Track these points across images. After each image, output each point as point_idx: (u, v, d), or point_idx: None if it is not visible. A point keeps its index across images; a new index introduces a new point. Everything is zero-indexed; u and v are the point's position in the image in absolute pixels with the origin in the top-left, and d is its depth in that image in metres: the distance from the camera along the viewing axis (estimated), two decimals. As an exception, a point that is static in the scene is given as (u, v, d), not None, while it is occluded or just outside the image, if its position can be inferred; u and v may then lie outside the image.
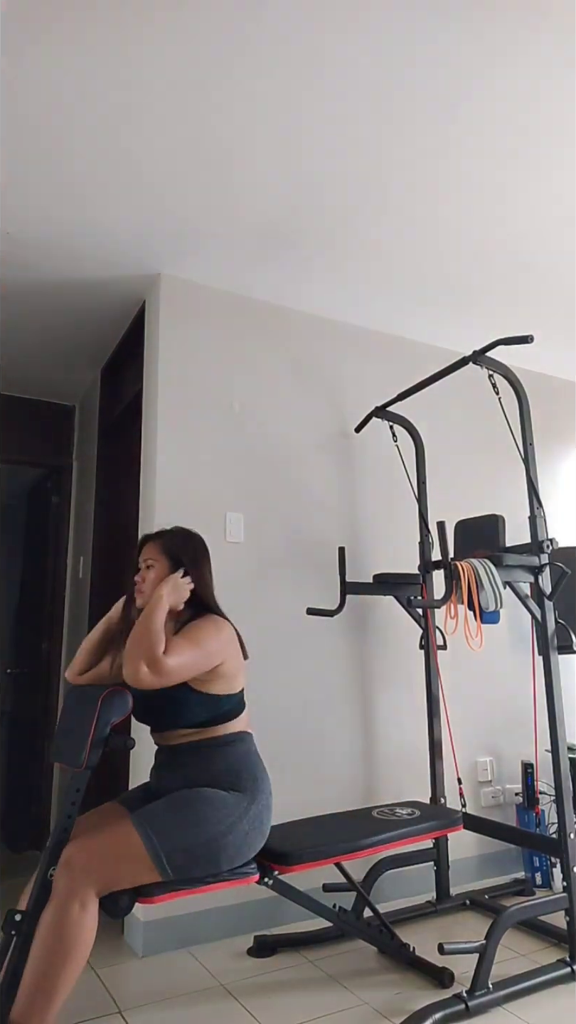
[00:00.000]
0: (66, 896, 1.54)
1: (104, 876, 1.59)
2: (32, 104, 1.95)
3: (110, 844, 1.62)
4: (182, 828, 1.67)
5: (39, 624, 3.98)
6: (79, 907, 1.54)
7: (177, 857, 1.64)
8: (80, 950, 1.52)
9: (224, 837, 1.70)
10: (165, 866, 1.63)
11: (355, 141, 2.13)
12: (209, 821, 1.70)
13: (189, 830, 1.67)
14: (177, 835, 1.66)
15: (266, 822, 1.82)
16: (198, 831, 1.68)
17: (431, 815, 2.19)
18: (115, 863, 1.61)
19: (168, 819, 1.68)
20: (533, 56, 1.84)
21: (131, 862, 1.61)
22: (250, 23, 1.72)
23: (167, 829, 1.66)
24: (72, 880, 1.55)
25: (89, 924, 1.55)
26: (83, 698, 1.76)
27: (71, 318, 3.14)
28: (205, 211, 2.44)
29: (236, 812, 1.75)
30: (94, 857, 1.59)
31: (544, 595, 2.31)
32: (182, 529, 2.09)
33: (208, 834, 1.69)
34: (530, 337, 2.29)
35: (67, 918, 1.52)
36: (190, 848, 1.66)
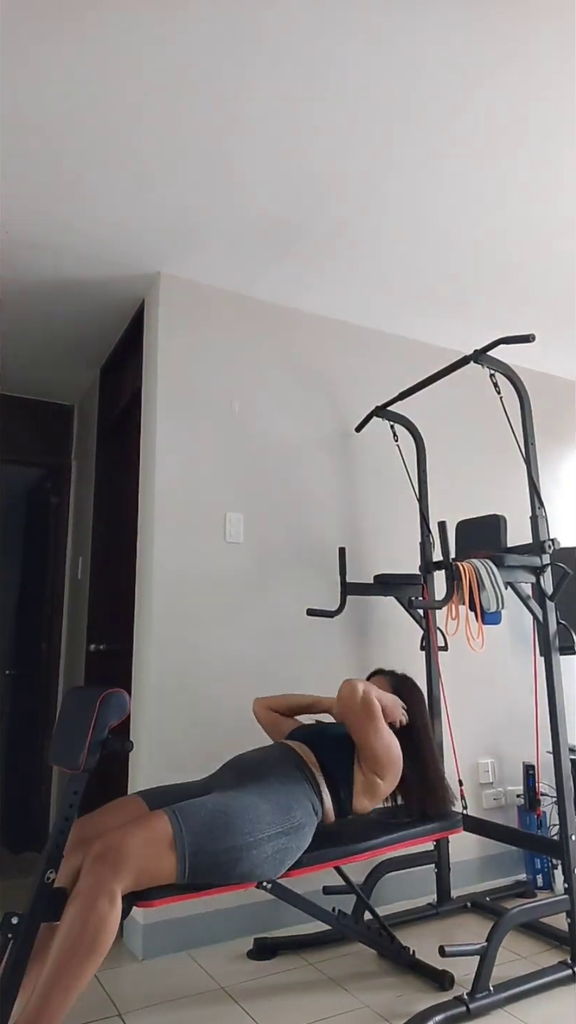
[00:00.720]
0: (95, 891, 1.51)
1: (135, 871, 1.56)
2: (32, 104, 1.94)
3: (145, 838, 1.60)
4: (213, 832, 1.66)
5: (38, 625, 3.98)
6: (107, 902, 1.51)
7: (199, 859, 1.62)
8: (104, 946, 1.50)
9: (248, 849, 1.68)
10: (186, 867, 1.61)
11: (355, 141, 2.12)
12: (240, 830, 1.69)
13: (219, 834, 1.66)
14: (206, 837, 1.64)
15: (288, 861, 1.78)
16: (226, 836, 1.67)
17: (429, 818, 2.17)
18: (147, 859, 1.58)
19: (202, 819, 1.67)
20: (534, 56, 1.83)
21: (161, 859, 1.60)
22: (251, 23, 1.71)
23: (198, 829, 1.65)
24: (101, 875, 1.53)
25: (115, 919, 1.52)
26: (81, 700, 1.75)
27: (70, 318, 3.13)
28: (205, 210, 2.43)
29: (269, 831, 1.74)
30: (128, 851, 1.57)
31: (546, 596, 2.30)
32: (406, 676, 2.35)
33: (235, 841, 1.67)
34: (531, 336, 2.28)
35: (95, 912, 1.50)
36: (214, 852, 1.64)
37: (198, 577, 2.61)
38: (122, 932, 2.43)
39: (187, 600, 2.57)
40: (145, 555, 2.63)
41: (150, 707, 2.43)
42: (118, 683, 2.79)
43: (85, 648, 3.37)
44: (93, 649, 3.24)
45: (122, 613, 3.09)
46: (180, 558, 2.59)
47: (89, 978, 1.49)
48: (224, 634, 2.62)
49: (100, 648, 3.21)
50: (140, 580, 2.66)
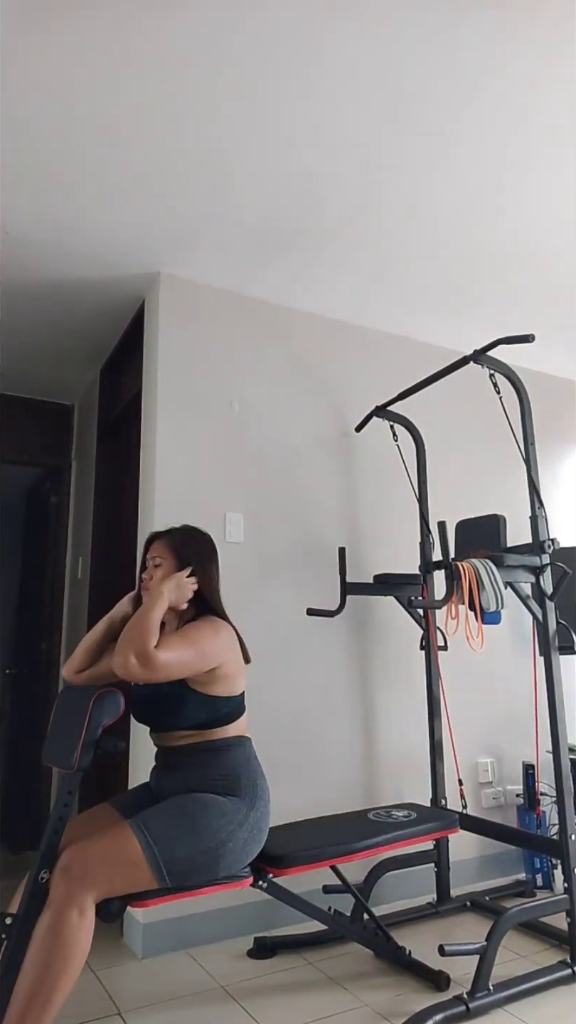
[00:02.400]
0: (64, 902, 1.52)
1: (103, 883, 1.57)
2: (32, 104, 1.94)
3: (109, 851, 1.60)
4: (181, 836, 1.66)
5: (38, 624, 3.98)
6: (77, 914, 1.52)
7: (176, 865, 1.63)
8: (77, 957, 1.51)
9: (224, 845, 1.69)
10: (164, 875, 1.61)
11: (355, 141, 2.12)
12: (208, 829, 1.69)
13: (189, 838, 1.66)
14: (176, 843, 1.64)
15: (264, 829, 1.81)
16: (198, 839, 1.67)
17: (427, 817, 2.18)
18: (115, 870, 1.59)
19: (167, 826, 1.66)
20: (534, 57, 1.83)
21: (130, 870, 1.60)
22: (250, 23, 1.72)
23: (166, 837, 1.64)
24: (70, 886, 1.53)
25: (87, 931, 1.53)
26: (74, 699, 1.75)
27: (70, 318, 3.13)
28: (205, 210, 2.43)
29: (235, 820, 1.74)
30: (93, 864, 1.57)
31: (545, 595, 2.30)
32: (191, 528, 2.08)
33: (207, 842, 1.67)
34: (531, 336, 2.28)
35: (65, 925, 1.51)
36: (189, 857, 1.64)
37: (198, 577, 2.61)
38: (122, 931, 2.44)
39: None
40: (145, 555, 2.63)
41: (150, 707, 2.43)
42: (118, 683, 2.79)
43: (85, 648, 3.37)
44: (93, 649, 3.23)
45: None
46: (180, 558, 2.59)
47: (68, 989, 1.50)
48: (224, 634, 2.62)
49: (100, 648, 3.21)
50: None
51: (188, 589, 1.91)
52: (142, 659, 1.67)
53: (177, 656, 1.73)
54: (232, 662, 1.87)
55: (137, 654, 1.68)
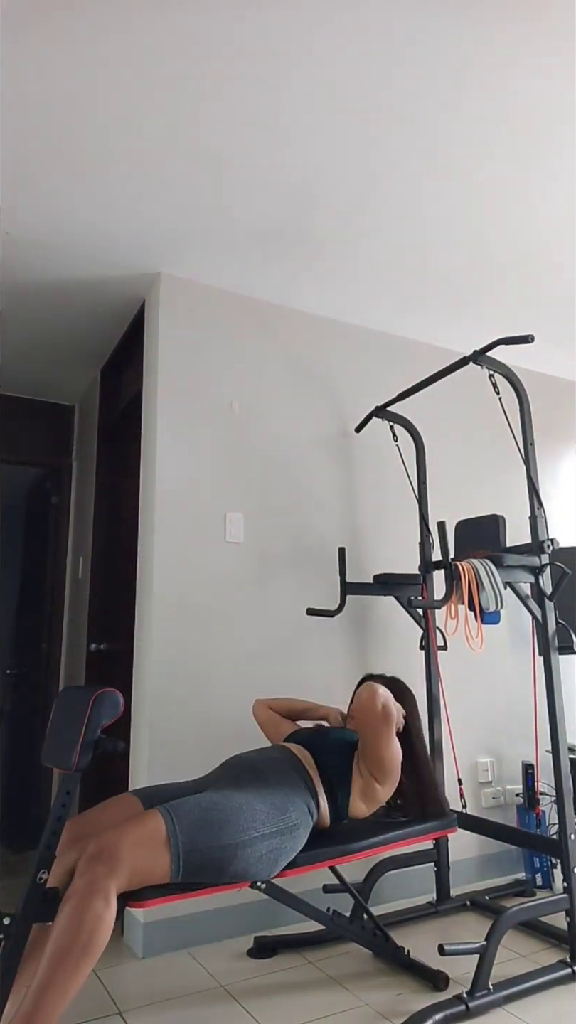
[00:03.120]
0: (91, 890, 1.50)
1: (129, 871, 1.56)
2: (31, 104, 1.94)
3: (139, 837, 1.59)
4: (206, 829, 1.66)
5: (38, 624, 3.98)
6: (103, 901, 1.50)
7: (192, 857, 1.62)
8: (100, 946, 1.49)
9: (241, 849, 1.68)
10: (180, 866, 1.61)
11: (355, 140, 2.12)
12: (235, 828, 1.69)
13: (213, 832, 1.66)
14: (200, 835, 1.64)
15: (281, 861, 1.78)
16: (220, 835, 1.66)
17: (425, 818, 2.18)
18: (142, 858, 1.58)
19: (197, 817, 1.67)
20: (533, 54, 1.84)
21: (155, 857, 1.59)
22: (249, 23, 1.72)
23: (192, 827, 1.64)
24: (97, 874, 1.52)
25: (110, 919, 1.51)
26: (74, 699, 1.75)
27: (71, 318, 3.13)
28: (205, 211, 2.43)
29: (263, 831, 1.73)
30: (123, 851, 1.56)
31: (545, 595, 2.30)
32: (397, 679, 2.33)
33: (229, 840, 1.67)
34: (530, 337, 2.29)
35: (91, 912, 1.49)
36: (207, 850, 1.64)
37: (198, 577, 2.62)
38: (122, 930, 2.44)
39: (187, 600, 2.58)
40: (145, 555, 2.64)
41: (150, 707, 2.44)
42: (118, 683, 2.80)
43: (85, 648, 3.38)
44: (93, 649, 3.25)
45: (122, 613, 3.10)
46: (180, 558, 2.59)
47: (84, 978, 1.48)
48: (224, 634, 2.63)
49: (100, 648, 3.22)
50: (140, 580, 2.67)
51: (402, 722, 2.20)
52: (387, 705, 2.01)
53: (393, 729, 2.03)
54: (386, 790, 2.05)
55: (386, 697, 2.03)
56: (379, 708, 2.00)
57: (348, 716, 2.24)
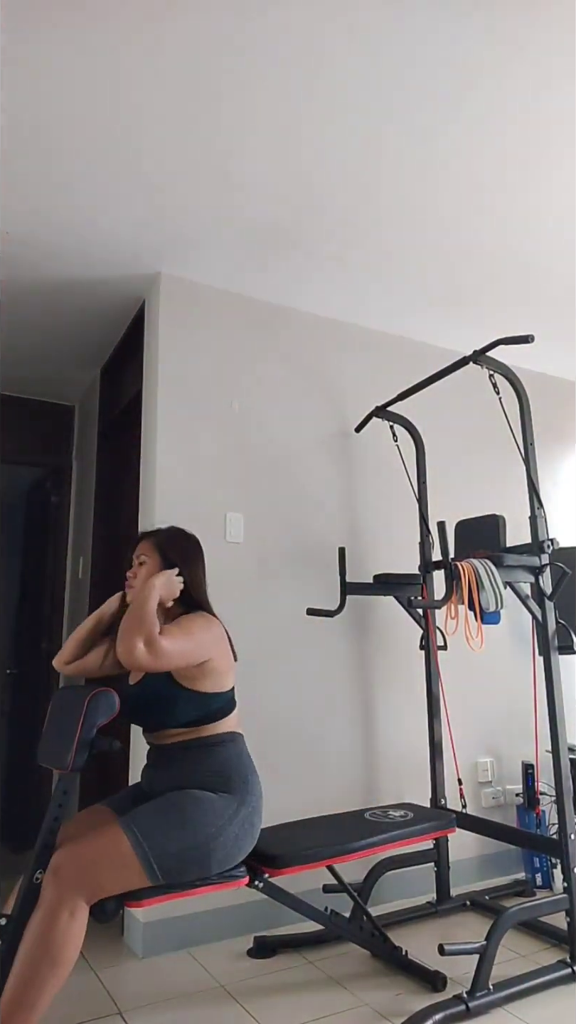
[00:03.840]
0: (55, 904, 1.52)
1: (94, 884, 1.57)
2: (32, 104, 1.94)
3: (99, 851, 1.60)
4: (171, 832, 1.66)
5: (38, 624, 3.98)
6: (68, 915, 1.52)
7: (167, 861, 1.62)
8: (67, 960, 1.50)
9: (214, 840, 1.69)
10: (155, 871, 1.61)
11: (355, 140, 2.12)
12: (198, 824, 1.69)
13: (178, 833, 1.66)
14: (166, 839, 1.64)
15: (256, 824, 1.81)
16: (187, 834, 1.67)
17: (424, 817, 2.18)
18: (105, 870, 1.59)
19: (157, 822, 1.67)
20: (535, 55, 1.84)
21: (121, 868, 1.60)
22: (250, 23, 1.72)
23: (156, 833, 1.64)
24: (61, 888, 1.53)
25: (77, 933, 1.53)
26: (69, 700, 1.75)
27: (71, 318, 3.13)
28: (205, 210, 2.43)
29: (225, 815, 1.74)
30: (83, 865, 1.57)
31: (545, 595, 2.30)
32: (177, 528, 2.10)
33: (197, 837, 1.67)
34: (530, 337, 2.29)
35: (55, 927, 1.50)
36: (179, 852, 1.64)
37: (198, 577, 2.61)
38: (122, 930, 2.44)
39: (187, 600, 2.57)
40: (145, 555, 2.64)
41: (150, 706, 2.44)
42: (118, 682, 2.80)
43: (85, 648, 3.37)
44: (93, 649, 3.24)
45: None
46: (180, 558, 2.59)
47: (56, 989, 1.49)
48: (224, 634, 2.62)
49: (100, 648, 3.21)
50: (140, 580, 2.67)
51: (176, 586, 1.94)
52: (150, 645, 1.70)
53: (177, 645, 1.75)
54: (223, 656, 1.89)
55: (145, 640, 1.70)
56: (143, 661, 1.70)
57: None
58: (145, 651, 1.70)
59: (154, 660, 1.71)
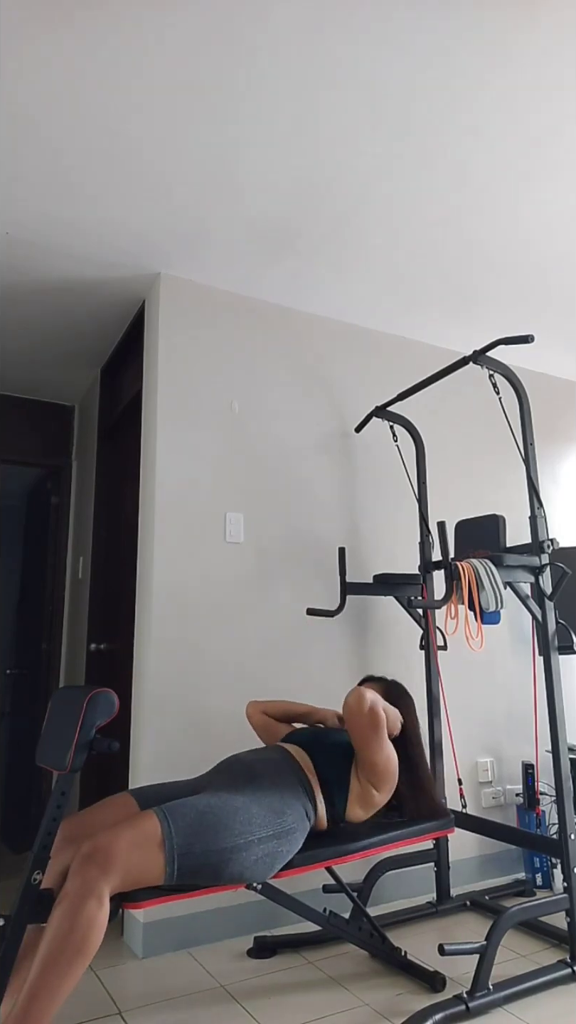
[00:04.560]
0: (84, 892, 1.50)
1: (123, 872, 1.55)
2: (32, 103, 1.95)
3: (134, 839, 1.59)
4: (202, 832, 1.65)
5: (38, 624, 3.98)
6: (96, 903, 1.50)
7: (187, 860, 1.61)
8: (92, 947, 1.49)
9: (238, 852, 1.67)
10: (174, 869, 1.60)
11: (355, 141, 2.12)
12: (230, 832, 1.68)
13: (208, 836, 1.65)
14: (195, 838, 1.63)
15: (277, 864, 1.77)
16: (216, 838, 1.65)
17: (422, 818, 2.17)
18: (136, 860, 1.57)
19: (192, 820, 1.66)
20: (534, 56, 1.84)
21: (149, 859, 1.58)
22: (251, 23, 1.72)
23: (188, 830, 1.64)
24: (89, 875, 1.52)
25: (103, 920, 1.51)
26: (68, 700, 1.75)
27: (71, 318, 3.13)
28: (205, 211, 2.43)
29: (259, 833, 1.73)
30: (118, 852, 1.55)
31: (545, 595, 2.30)
32: (398, 682, 2.34)
33: (223, 843, 1.66)
34: (530, 337, 2.29)
35: (84, 914, 1.48)
36: (202, 854, 1.63)
37: (198, 577, 2.62)
38: (122, 930, 2.44)
39: (187, 600, 2.58)
40: (145, 555, 2.64)
41: (150, 706, 2.44)
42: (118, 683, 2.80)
43: (86, 648, 3.38)
44: (93, 649, 3.25)
45: (122, 613, 3.10)
46: (180, 558, 2.59)
47: (77, 979, 1.48)
48: (224, 634, 2.63)
49: (100, 648, 3.22)
50: (140, 580, 2.67)
51: (399, 725, 2.18)
52: (375, 709, 1.95)
53: (385, 734, 2.00)
54: (383, 795, 2.03)
55: (373, 700, 1.96)
56: (365, 712, 1.95)
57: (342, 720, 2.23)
58: (369, 706, 1.95)
59: (362, 707, 1.95)
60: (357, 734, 1.99)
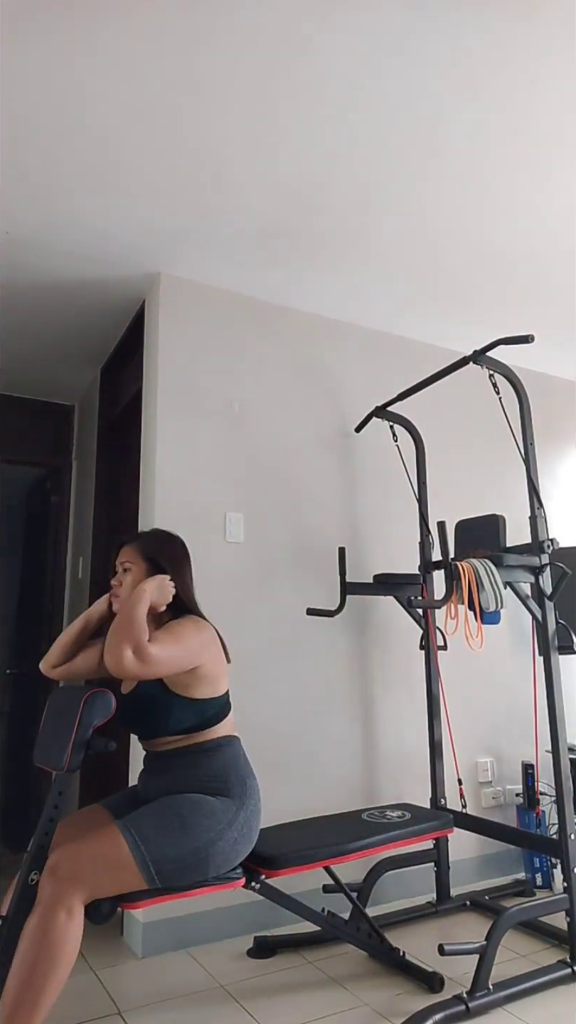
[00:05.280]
0: (52, 904, 1.51)
1: (91, 884, 1.57)
2: (31, 104, 1.94)
3: (97, 851, 1.60)
4: (170, 836, 1.65)
5: (38, 624, 3.98)
6: (65, 915, 1.51)
7: (165, 866, 1.62)
8: (66, 959, 1.50)
9: (213, 845, 1.68)
10: (153, 875, 1.61)
11: (355, 141, 2.12)
12: (197, 828, 1.68)
13: (177, 838, 1.65)
14: (165, 843, 1.64)
15: (255, 828, 1.79)
16: (187, 839, 1.66)
17: (421, 818, 2.18)
18: (102, 871, 1.58)
19: (156, 826, 1.66)
20: (533, 56, 1.84)
21: (119, 870, 1.59)
22: (249, 24, 1.72)
23: (155, 837, 1.64)
24: (58, 887, 1.53)
25: (75, 933, 1.52)
26: (65, 700, 1.75)
27: (71, 318, 3.13)
28: (205, 211, 2.43)
29: (224, 819, 1.73)
30: (81, 864, 1.57)
31: (545, 595, 2.30)
32: (161, 531, 2.05)
33: (196, 842, 1.67)
34: (530, 337, 2.29)
35: (53, 926, 1.50)
36: (178, 857, 1.64)
37: (198, 577, 2.59)
38: (122, 930, 2.44)
39: (187, 600, 2.57)
40: (145, 555, 2.63)
41: (150, 706, 2.44)
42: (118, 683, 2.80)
43: (85, 648, 3.37)
44: (93, 649, 3.24)
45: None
46: (180, 558, 2.59)
47: (57, 989, 1.49)
48: (224, 633, 2.61)
49: (100, 648, 3.21)
50: (140, 580, 2.66)
51: (169, 590, 1.88)
52: (139, 653, 1.66)
53: (167, 652, 1.71)
54: (215, 660, 1.85)
55: (134, 648, 1.66)
56: (131, 669, 1.67)
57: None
58: (134, 659, 1.65)
59: (144, 668, 1.67)
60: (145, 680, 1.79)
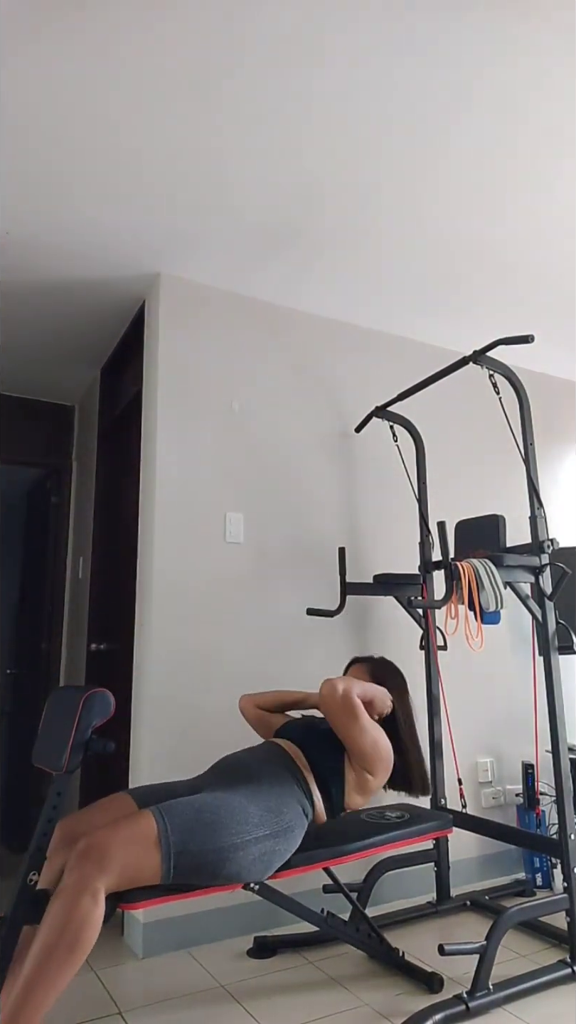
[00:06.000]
0: (79, 887, 1.50)
1: (117, 871, 1.55)
2: (31, 104, 1.94)
3: (130, 838, 1.59)
4: (199, 830, 1.64)
5: (38, 624, 3.98)
6: (90, 898, 1.50)
7: (184, 859, 1.61)
8: (86, 943, 1.49)
9: (234, 851, 1.67)
10: (170, 868, 1.60)
11: (355, 141, 2.12)
12: (226, 829, 1.68)
13: (205, 834, 1.65)
14: (191, 836, 1.63)
15: (274, 865, 1.77)
16: (213, 837, 1.65)
17: (420, 818, 2.18)
18: (130, 857, 1.57)
19: (188, 817, 1.66)
20: (533, 57, 1.84)
21: (144, 857, 1.58)
22: (248, 23, 1.72)
23: (184, 827, 1.63)
24: (86, 870, 1.52)
25: (98, 917, 1.51)
26: (64, 700, 1.75)
27: (71, 318, 3.13)
28: (205, 211, 2.43)
29: (256, 833, 1.72)
30: (113, 850, 1.55)
31: (545, 595, 2.30)
32: (388, 661, 2.35)
33: (219, 842, 1.66)
34: (530, 337, 2.29)
35: (78, 909, 1.48)
36: (200, 852, 1.63)
37: (198, 577, 2.62)
38: (122, 930, 2.44)
39: (187, 600, 2.58)
40: (145, 555, 2.64)
41: (150, 706, 2.44)
42: (118, 683, 2.80)
43: (86, 647, 3.38)
44: (93, 648, 3.25)
45: (122, 613, 3.10)
46: (180, 558, 2.59)
47: (71, 975, 1.47)
48: (224, 633, 2.63)
49: (100, 648, 3.22)
50: (140, 580, 2.67)
51: (388, 704, 2.17)
52: (348, 695, 1.97)
53: (365, 719, 1.99)
54: (379, 779, 2.03)
55: (345, 688, 1.98)
56: (338, 700, 1.97)
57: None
58: (341, 693, 1.97)
59: (339, 698, 1.96)
60: (336, 723, 2.01)
